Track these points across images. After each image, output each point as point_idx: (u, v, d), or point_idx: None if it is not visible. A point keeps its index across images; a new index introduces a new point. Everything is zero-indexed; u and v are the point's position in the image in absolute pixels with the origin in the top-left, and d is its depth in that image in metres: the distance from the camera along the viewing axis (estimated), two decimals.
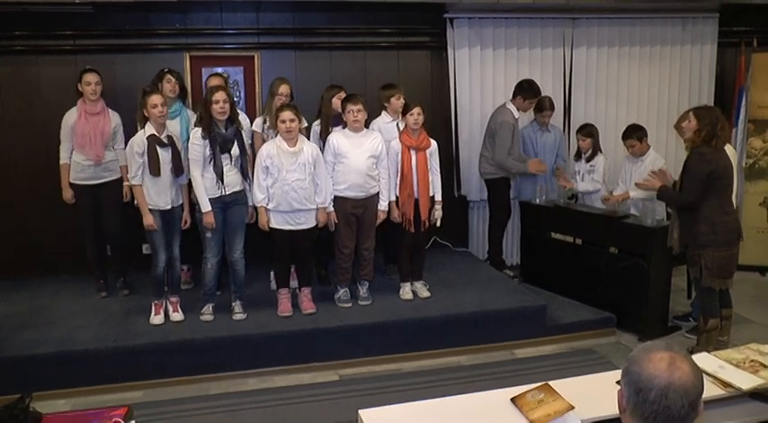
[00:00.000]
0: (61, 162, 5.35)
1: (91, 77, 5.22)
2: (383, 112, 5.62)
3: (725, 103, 6.96)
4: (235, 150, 4.80)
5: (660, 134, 7.01)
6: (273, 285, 5.33)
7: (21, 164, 5.96)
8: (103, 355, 4.49)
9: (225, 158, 4.77)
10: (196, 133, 4.77)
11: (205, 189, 4.75)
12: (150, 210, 4.74)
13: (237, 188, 4.87)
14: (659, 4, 6.44)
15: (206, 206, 4.75)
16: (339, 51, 6.44)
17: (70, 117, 5.28)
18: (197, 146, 4.73)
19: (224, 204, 4.83)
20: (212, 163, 4.73)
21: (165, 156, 4.73)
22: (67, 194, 5.38)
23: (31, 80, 5.91)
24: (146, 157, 4.67)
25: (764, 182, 6.73)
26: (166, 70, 5.39)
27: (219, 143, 4.73)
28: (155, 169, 4.68)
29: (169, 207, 4.80)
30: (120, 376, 4.50)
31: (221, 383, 4.57)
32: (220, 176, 4.75)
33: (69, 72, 5.64)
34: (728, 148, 4.76)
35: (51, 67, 5.92)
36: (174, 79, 5.35)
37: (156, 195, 4.75)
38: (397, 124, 5.40)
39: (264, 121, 5.34)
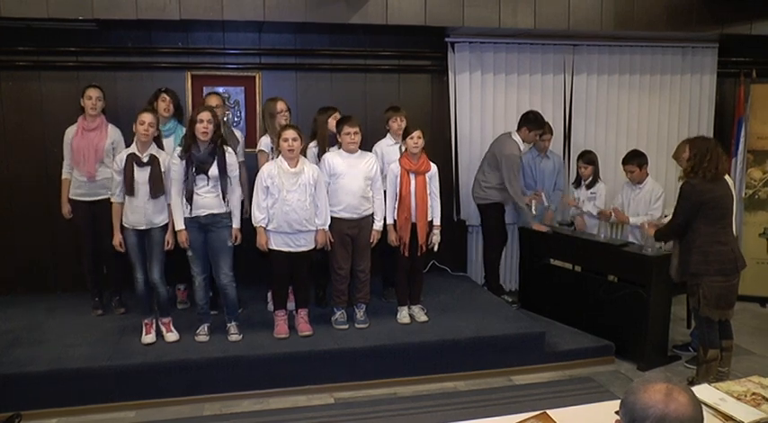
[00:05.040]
0: (62, 177, 5.35)
1: (92, 92, 5.23)
2: (388, 134, 5.63)
3: (724, 134, 7.01)
4: (213, 171, 4.73)
5: (660, 163, 7.03)
6: (270, 306, 5.30)
7: (20, 179, 5.96)
8: (96, 373, 4.43)
9: (201, 179, 4.73)
10: (176, 153, 4.77)
11: (182, 208, 4.74)
12: (126, 228, 4.74)
13: (215, 211, 4.79)
14: (659, 34, 6.48)
15: (179, 225, 4.75)
16: (340, 73, 6.47)
17: (70, 133, 5.28)
18: (175, 165, 4.72)
19: (200, 225, 4.79)
20: (185, 183, 4.72)
21: (141, 175, 4.69)
22: (65, 209, 5.37)
23: (32, 96, 5.93)
24: (123, 175, 4.67)
25: (764, 213, 6.74)
26: (163, 89, 5.41)
27: (195, 164, 4.70)
28: (128, 188, 4.68)
29: (144, 227, 4.76)
30: (113, 396, 4.44)
31: (215, 404, 4.52)
32: (188, 198, 4.71)
33: (71, 88, 5.66)
34: (728, 179, 4.76)
35: (53, 82, 5.93)
36: (168, 98, 5.34)
37: (132, 214, 4.73)
38: (400, 147, 5.39)
39: (272, 141, 5.31)
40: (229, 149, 4.89)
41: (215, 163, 4.74)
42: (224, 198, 4.80)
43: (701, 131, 6.76)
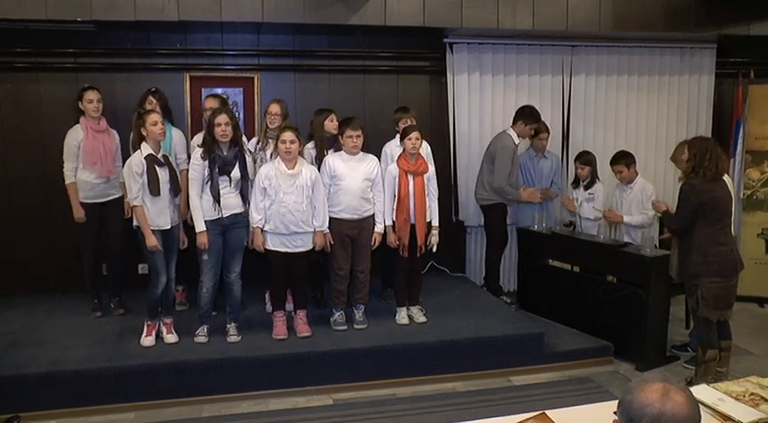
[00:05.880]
0: (68, 182, 5.26)
1: (92, 95, 5.22)
2: (397, 136, 5.63)
3: (722, 134, 7.01)
4: (235, 173, 4.78)
5: (658, 163, 7.05)
6: (269, 308, 5.31)
7: (19, 180, 5.95)
8: (95, 375, 4.43)
9: (224, 181, 4.75)
10: (196, 153, 4.78)
11: (202, 210, 4.74)
12: (152, 231, 4.71)
13: (237, 211, 4.83)
14: (657, 34, 6.48)
15: (200, 226, 4.74)
16: (338, 74, 6.48)
17: (75, 136, 5.25)
18: (197, 166, 4.73)
19: (223, 227, 4.81)
20: (209, 184, 4.72)
21: (163, 175, 4.71)
22: (80, 214, 5.29)
23: (31, 97, 5.93)
24: (145, 177, 4.64)
25: (762, 213, 6.75)
26: (152, 89, 5.40)
27: (219, 165, 4.72)
28: (155, 189, 4.65)
29: (169, 227, 4.77)
30: (112, 397, 4.44)
31: (214, 406, 4.51)
32: (217, 198, 4.73)
33: (69, 90, 5.64)
34: (726, 179, 4.77)
35: (52, 84, 5.93)
36: (155, 101, 5.32)
37: (157, 215, 4.71)
38: None
39: (258, 142, 5.35)
40: (248, 152, 4.96)
41: (237, 165, 4.77)
42: (244, 200, 4.84)
43: (699, 132, 6.76)
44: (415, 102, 6.51)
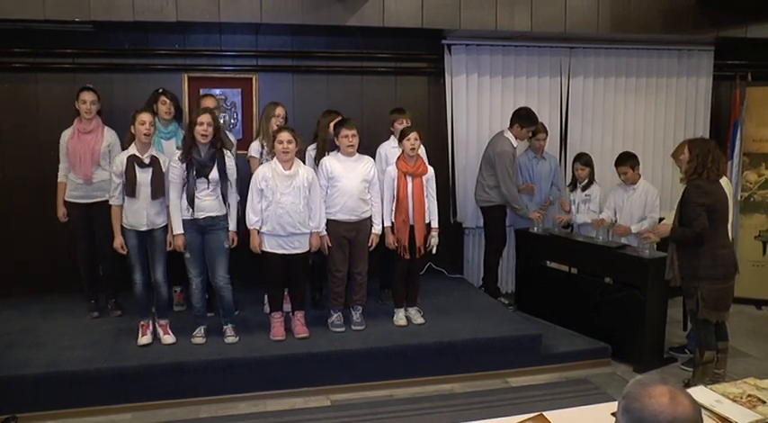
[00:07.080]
0: (58, 180, 5.34)
1: (87, 96, 5.21)
2: (392, 137, 5.63)
3: (720, 136, 7.01)
4: (213, 175, 4.73)
5: (656, 165, 7.06)
6: (267, 309, 5.30)
7: (17, 181, 5.95)
8: (92, 376, 4.42)
9: (201, 183, 4.72)
10: (175, 155, 4.78)
11: (180, 211, 4.74)
12: (127, 230, 4.74)
13: (214, 213, 4.78)
14: (655, 37, 6.49)
15: (177, 228, 4.74)
16: (337, 75, 6.48)
17: (66, 136, 5.28)
18: (175, 168, 4.72)
19: (199, 228, 4.78)
20: (186, 187, 4.71)
21: (143, 177, 4.70)
22: (59, 212, 5.36)
23: (28, 97, 5.92)
24: (124, 178, 4.67)
25: (760, 215, 6.75)
26: (161, 91, 5.38)
27: (196, 167, 4.70)
28: (130, 190, 4.67)
29: (145, 228, 4.75)
30: (109, 398, 4.43)
31: (211, 407, 4.51)
32: (191, 201, 4.71)
33: (67, 90, 5.63)
34: (724, 181, 4.77)
35: (49, 84, 5.92)
36: (168, 101, 5.33)
37: (133, 216, 4.73)
38: None
39: (262, 147, 5.29)
40: (229, 153, 4.89)
41: (215, 166, 4.74)
42: (225, 201, 4.80)
43: (697, 134, 6.78)
44: (413, 103, 6.51)
